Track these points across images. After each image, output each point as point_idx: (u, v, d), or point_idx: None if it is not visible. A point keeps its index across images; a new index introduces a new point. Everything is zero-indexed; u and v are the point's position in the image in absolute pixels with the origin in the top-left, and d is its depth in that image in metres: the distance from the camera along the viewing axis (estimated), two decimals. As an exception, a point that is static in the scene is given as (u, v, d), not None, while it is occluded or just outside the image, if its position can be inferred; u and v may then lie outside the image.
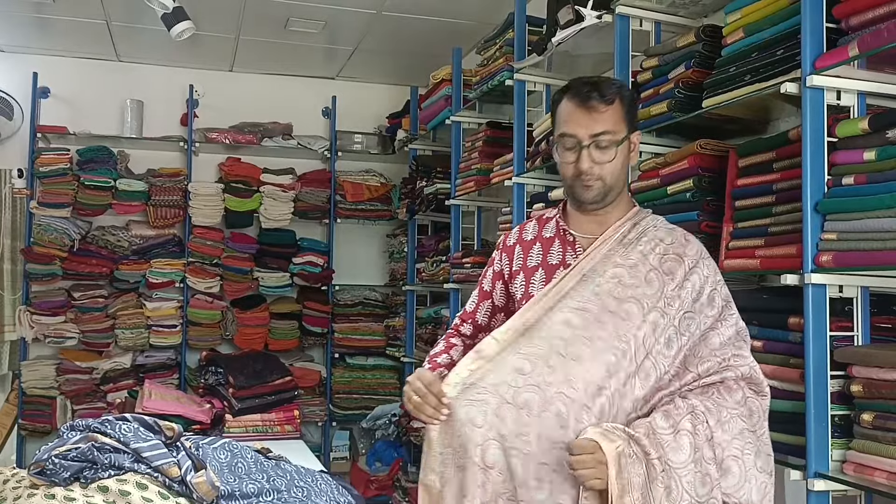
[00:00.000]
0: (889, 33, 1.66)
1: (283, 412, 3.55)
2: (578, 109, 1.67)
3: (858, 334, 1.89)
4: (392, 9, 4.18)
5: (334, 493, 1.95)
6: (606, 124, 1.66)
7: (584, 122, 1.66)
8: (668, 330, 1.60)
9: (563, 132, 1.69)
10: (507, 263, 1.87)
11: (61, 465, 1.60)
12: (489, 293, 1.93)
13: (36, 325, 4.71)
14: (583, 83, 1.69)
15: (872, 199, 1.74)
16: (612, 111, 1.66)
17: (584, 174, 1.67)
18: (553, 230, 1.81)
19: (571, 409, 1.55)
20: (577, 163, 1.67)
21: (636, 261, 1.66)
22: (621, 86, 1.72)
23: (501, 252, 1.91)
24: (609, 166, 1.67)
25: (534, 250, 1.81)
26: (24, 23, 4.53)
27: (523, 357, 1.62)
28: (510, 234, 1.92)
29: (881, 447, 1.70)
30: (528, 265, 1.80)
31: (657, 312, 1.61)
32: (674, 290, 1.63)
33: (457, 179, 4.03)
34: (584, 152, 1.66)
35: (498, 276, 1.91)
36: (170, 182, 4.97)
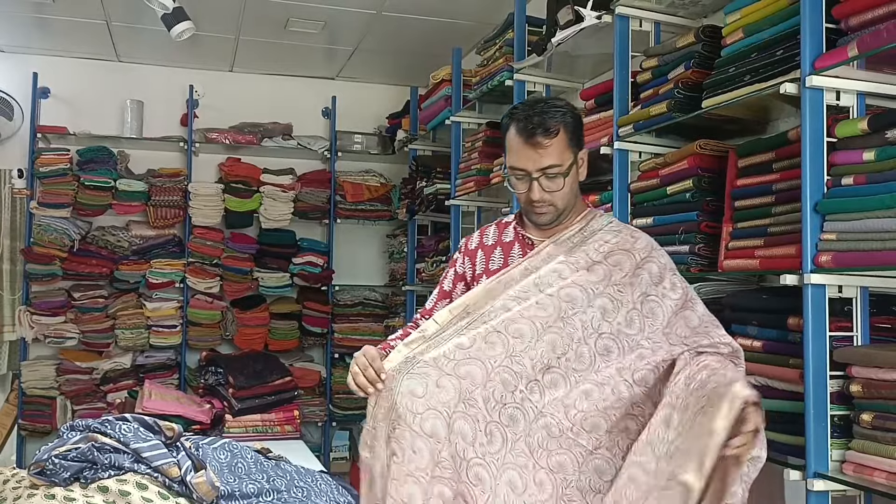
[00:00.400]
0: (888, 34, 1.66)
1: (283, 412, 3.55)
2: (526, 146, 1.74)
3: (858, 334, 1.89)
4: (392, 9, 4.18)
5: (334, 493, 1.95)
6: (552, 157, 1.73)
7: (532, 157, 1.73)
8: (627, 312, 1.68)
9: (513, 165, 1.77)
10: (470, 267, 1.96)
11: (61, 466, 1.60)
12: (448, 293, 2.01)
13: (36, 325, 4.70)
14: (528, 115, 1.74)
15: (872, 200, 1.74)
16: (556, 142, 1.73)
17: (536, 202, 1.76)
18: (512, 235, 1.91)
19: (520, 381, 1.65)
20: (528, 192, 1.76)
21: (578, 258, 1.75)
22: (565, 111, 1.76)
23: (464, 255, 1.99)
24: (559, 193, 1.76)
25: (495, 254, 1.91)
26: (25, 23, 4.53)
27: (463, 335, 1.69)
28: (471, 238, 2.01)
29: (880, 447, 1.70)
30: (490, 268, 1.90)
31: (605, 298, 1.70)
32: (624, 277, 1.71)
33: (457, 180, 4.03)
34: (535, 184, 1.75)
35: (460, 278, 1.99)
36: (170, 182, 4.97)
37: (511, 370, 1.66)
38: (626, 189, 2.60)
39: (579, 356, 1.67)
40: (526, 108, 1.77)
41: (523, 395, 1.65)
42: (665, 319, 1.70)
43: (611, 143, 2.64)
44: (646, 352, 1.68)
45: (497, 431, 1.64)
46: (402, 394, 1.66)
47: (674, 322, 1.70)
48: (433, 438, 1.62)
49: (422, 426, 1.62)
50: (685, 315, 1.71)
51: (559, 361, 1.66)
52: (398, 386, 1.67)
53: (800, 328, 1.88)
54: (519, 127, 1.75)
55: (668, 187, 2.38)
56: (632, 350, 1.68)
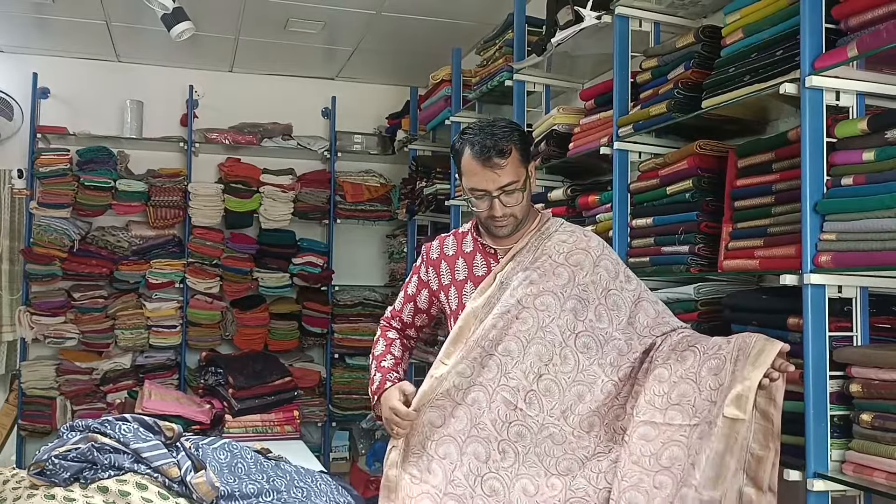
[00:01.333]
0: (888, 34, 1.66)
1: (283, 412, 3.55)
2: (483, 168, 1.87)
3: (857, 334, 1.89)
4: (391, 9, 4.18)
5: (334, 493, 1.95)
6: (509, 175, 1.87)
7: (491, 178, 1.87)
8: (595, 308, 1.87)
9: (473, 187, 1.90)
10: (435, 276, 2.08)
11: (61, 466, 1.60)
12: (413, 297, 2.16)
13: (36, 325, 4.70)
14: (481, 139, 1.87)
15: (871, 200, 1.74)
16: (510, 161, 1.87)
17: (498, 218, 1.90)
18: (472, 245, 2.04)
19: (518, 395, 1.83)
20: (490, 210, 1.90)
21: (542, 262, 1.91)
22: (512, 131, 1.90)
23: (427, 265, 2.12)
24: (518, 207, 1.91)
25: (458, 264, 2.04)
26: (24, 23, 4.53)
27: (462, 363, 1.87)
28: (432, 247, 2.13)
29: (880, 447, 1.70)
30: (457, 278, 2.03)
31: (574, 300, 1.87)
32: (586, 276, 1.89)
33: (456, 180, 4.03)
34: (496, 202, 1.89)
35: (424, 285, 2.12)
36: (169, 182, 4.97)
37: (508, 387, 1.84)
38: (625, 189, 2.60)
39: (564, 359, 1.84)
40: (476, 132, 1.90)
41: (524, 413, 1.83)
42: (627, 311, 1.88)
43: (610, 143, 2.64)
44: (620, 344, 1.87)
45: (509, 448, 1.82)
46: (423, 425, 1.87)
47: (635, 312, 1.89)
48: (446, 461, 1.83)
49: (436, 451, 1.84)
50: (643, 306, 1.90)
51: (548, 368, 1.84)
52: (421, 418, 1.87)
53: (800, 328, 1.88)
54: (474, 151, 1.87)
55: (668, 187, 2.38)
56: (606, 342, 1.86)
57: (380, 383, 2.03)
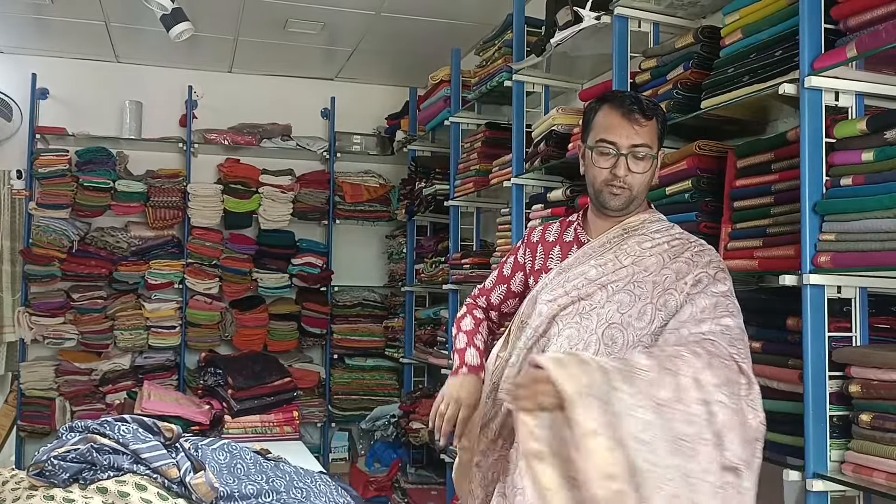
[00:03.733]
0: (887, 34, 1.66)
1: (283, 413, 3.55)
2: (622, 120, 1.76)
3: (857, 335, 1.89)
4: (391, 10, 4.18)
5: (333, 493, 1.95)
6: (645, 137, 1.76)
7: (626, 132, 1.75)
8: (643, 305, 1.71)
9: (603, 138, 1.78)
10: (531, 259, 2.00)
11: (60, 467, 1.60)
12: (507, 279, 2.06)
13: (35, 326, 4.70)
14: (625, 95, 1.80)
15: (871, 200, 1.74)
16: (650, 126, 1.77)
17: (616, 180, 1.77)
18: (573, 235, 1.93)
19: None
20: (612, 169, 1.77)
21: (607, 258, 1.79)
22: (657, 105, 1.84)
23: (526, 246, 2.03)
24: (640, 177, 1.78)
25: (554, 252, 1.94)
26: (23, 24, 4.53)
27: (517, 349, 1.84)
28: (535, 230, 2.04)
29: (879, 447, 1.70)
30: (548, 266, 1.93)
31: (624, 293, 1.74)
32: (647, 276, 1.73)
33: (456, 180, 4.03)
34: (622, 160, 1.76)
35: (520, 268, 2.03)
36: (169, 183, 4.96)
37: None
38: (625, 190, 2.59)
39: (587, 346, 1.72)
40: (620, 92, 1.88)
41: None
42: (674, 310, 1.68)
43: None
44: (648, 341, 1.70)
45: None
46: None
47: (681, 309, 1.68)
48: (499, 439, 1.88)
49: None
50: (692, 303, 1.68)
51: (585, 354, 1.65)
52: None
53: (799, 329, 1.88)
54: (617, 103, 1.78)
55: (667, 188, 2.38)
56: (638, 341, 1.69)
57: (460, 364, 1.98)
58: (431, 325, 4.58)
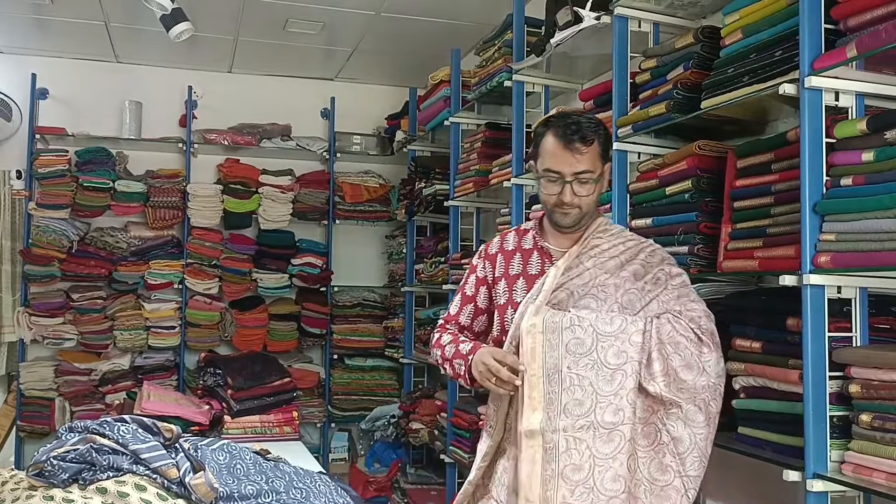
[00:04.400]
0: (887, 34, 1.66)
1: (282, 413, 3.55)
2: (564, 150, 1.89)
3: (857, 335, 1.89)
4: (391, 10, 4.18)
5: (333, 494, 1.95)
6: (587, 164, 1.89)
7: (568, 161, 1.89)
8: (609, 306, 1.88)
9: (548, 168, 1.92)
10: (491, 270, 2.10)
11: (60, 467, 1.59)
12: (472, 298, 2.14)
13: (34, 326, 4.70)
14: (566, 123, 1.89)
15: (871, 200, 1.74)
16: (591, 151, 1.89)
17: (565, 204, 1.91)
18: (531, 243, 2.05)
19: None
20: (559, 195, 1.91)
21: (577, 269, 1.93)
22: (598, 124, 1.94)
23: (484, 260, 2.13)
24: (587, 198, 1.92)
25: (514, 260, 2.05)
26: (23, 24, 4.52)
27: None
28: (492, 243, 2.15)
29: (879, 448, 1.70)
30: (510, 273, 2.04)
31: (589, 298, 1.90)
32: (609, 279, 1.91)
33: (455, 180, 4.03)
34: (567, 187, 1.90)
35: (482, 283, 2.12)
36: (168, 183, 4.96)
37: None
38: (625, 190, 2.60)
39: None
40: (562, 118, 1.92)
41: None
42: (640, 308, 1.89)
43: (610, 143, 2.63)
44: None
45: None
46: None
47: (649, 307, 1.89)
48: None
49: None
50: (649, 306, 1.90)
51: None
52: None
53: (799, 329, 1.88)
54: (558, 133, 1.90)
55: (667, 188, 2.38)
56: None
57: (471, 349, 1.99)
58: (431, 325, 4.57)
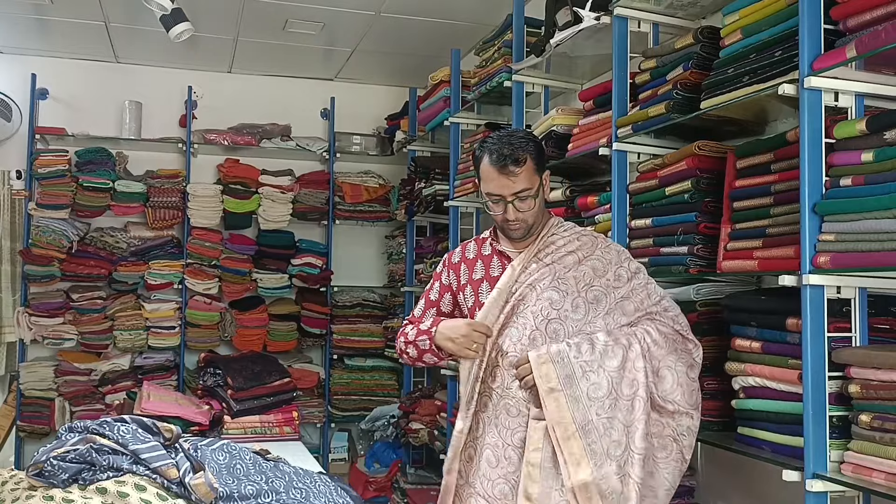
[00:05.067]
0: (887, 34, 1.66)
1: (282, 413, 3.55)
2: (499, 175, 2.00)
3: (856, 335, 1.89)
4: (390, 10, 4.18)
5: (333, 494, 1.95)
6: (523, 182, 2.00)
7: (505, 184, 2.00)
8: (573, 299, 2.00)
9: (489, 192, 2.04)
10: (455, 279, 2.22)
11: (60, 467, 1.60)
12: (436, 302, 2.27)
13: (34, 326, 4.70)
14: (498, 149, 2.00)
15: (870, 201, 1.74)
16: (525, 170, 2.00)
17: (511, 221, 2.03)
18: (490, 249, 2.17)
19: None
20: (504, 213, 2.03)
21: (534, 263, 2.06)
22: (528, 141, 2.03)
23: (448, 269, 2.25)
24: (530, 212, 2.03)
25: (476, 266, 2.18)
26: (23, 24, 4.53)
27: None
28: (454, 253, 2.27)
29: (879, 448, 1.70)
30: (473, 278, 2.16)
31: (552, 290, 2.00)
32: (567, 272, 2.02)
33: (455, 181, 4.03)
34: (509, 206, 2.01)
35: (446, 289, 2.25)
36: (168, 183, 4.96)
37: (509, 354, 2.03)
38: (624, 190, 2.60)
39: (532, 341, 1.99)
40: (495, 140, 2.03)
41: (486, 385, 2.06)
42: (607, 306, 2.00)
43: (609, 144, 2.64)
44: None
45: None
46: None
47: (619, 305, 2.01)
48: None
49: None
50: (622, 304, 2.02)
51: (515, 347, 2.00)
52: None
53: (798, 329, 1.88)
54: (492, 159, 2.00)
55: (667, 188, 2.38)
56: (577, 332, 1.98)
57: (429, 326, 2.14)
58: (431, 325, 4.57)
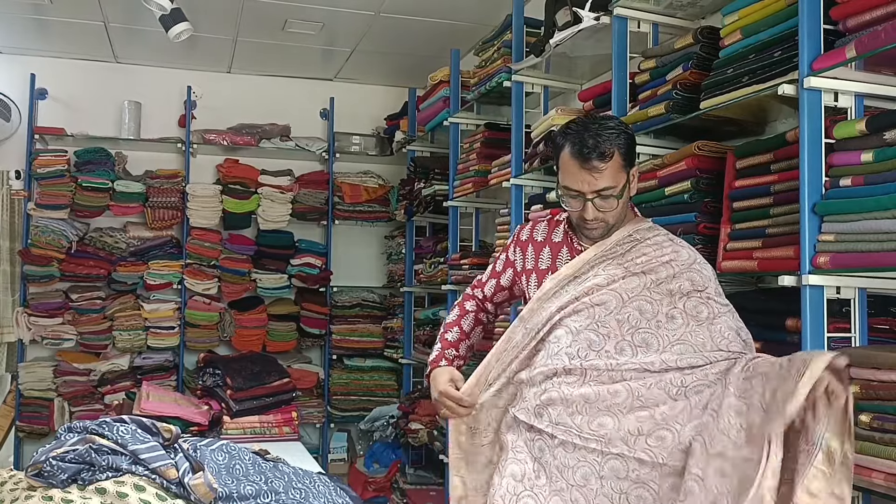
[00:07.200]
0: (886, 35, 1.66)
1: (281, 414, 3.54)
2: (580, 168, 1.77)
3: (856, 335, 1.89)
4: (390, 10, 4.18)
5: (332, 494, 1.95)
6: (607, 180, 1.77)
7: (587, 180, 1.77)
8: (669, 311, 1.75)
9: (567, 186, 1.81)
10: (521, 258, 2.05)
11: (59, 467, 1.59)
12: (499, 274, 2.13)
13: (33, 326, 4.69)
14: (583, 138, 1.76)
15: (870, 201, 1.74)
16: (611, 166, 1.77)
17: (590, 221, 1.82)
18: (562, 236, 1.97)
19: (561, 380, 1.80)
20: (582, 211, 1.81)
21: (615, 268, 1.82)
22: (618, 132, 1.79)
23: (515, 245, 2.08)
24: (612, 212, 1.82)
25: (544, 253, 1.99)
26: (22, 24, 4.52)
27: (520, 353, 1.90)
28: (524, 229, 2.09)
29: (879, 448, 1.69)
30: (539, 267, 1.98)
31: (640, 301, 1.77)
32: (661, 286, 1.78)
33: (455, 181, 4.03)
34: (589, 204, 1.79)
35: (510, 264, 2.09)
36: (168, 183, 4.96)
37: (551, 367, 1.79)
38: (624, 190, 2.60)
39: (621, 350, 1.74)
40: (580, 127, 1.79)
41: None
42: (709, 316, 1.74)
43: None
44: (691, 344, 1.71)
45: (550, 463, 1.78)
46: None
47: (716, 322, 1.74)
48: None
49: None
50: (724, 320, 1.75)
51: (598, 355, 1.75)
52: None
53: (798, 329, 1.88)
54: (574, 150, 1.77)
55: (667, 188, 2.38)
56: (674, 343, 1.72)
57: (436, 357, 2.08)
58: (430, 325, 4.58)
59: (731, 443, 1.58)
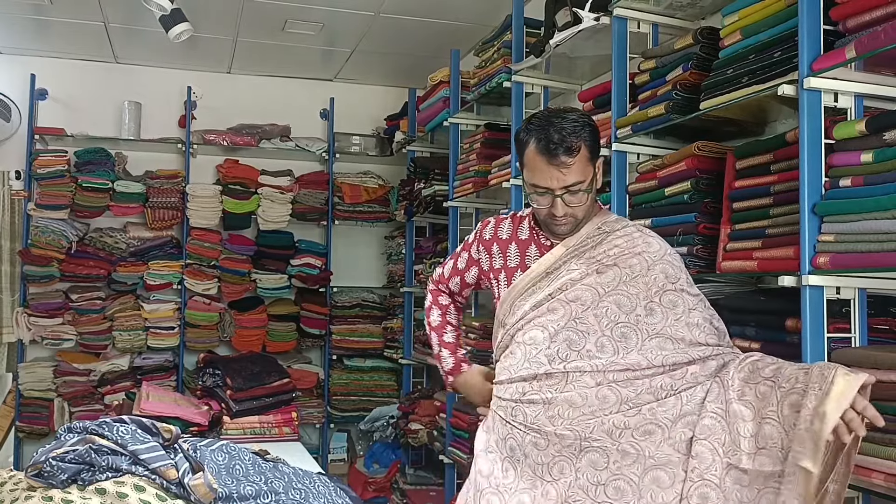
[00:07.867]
0: (886, 35, 1.66)
1: (281, 414, 3.54)
2: (548, 166, 1.74)
3: (856, 336, 1.89)
4: (390, 10, 4.18)
5: (332, 494, 1.95)
6: (576, 175, 1.75)
7: (556, 176, 1.74)
8: (646, 304, 1.73)
9: (535, 183, 1.78)
10: (486, 258, 2.01)
11: (59, 468, 1.59)
12: (462, 272, 2.11)
13: (33, 326, 4.69)
14: (548, 136, 1.73)
15: (870, 201, 1.74)
16: (579, 160, 1.74)
17: (559, 217, 1.79)
18: (528, 233, 1.94)
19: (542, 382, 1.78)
20: (550, 208, 1.78)
21: (589, 263, 1.80)
22: (583, 125, 1.76)
23: (478, 243, 2.04)
24: (580, 207, 1.79)
25: (511, 250, 1.94)
26: (22, 24, 4.52)
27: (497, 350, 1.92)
28: (486, 227, 2.04)
29: (878, 448, 1.69)
30: (508, 265, 1.94)
31: (617, 295, 1.74)
32: (636, 278, 1.76)
33: (455, 181, 4.03)
34: (558, 200, 1.77)
35: (474, 263, 2.06)
36: (168, 184, 4.96)
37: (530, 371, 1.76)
38: (624, 190, 2.60)
39: (601, 347, 1.72)
40: (543, 122, 1.76)
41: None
42: (685, 310, 1.73)
43: (609, 144, 2.64)
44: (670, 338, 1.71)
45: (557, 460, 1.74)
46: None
47: (693, 315, 1.74)
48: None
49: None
50: (700, 312, 1.76)
51: (579, 354, 1.72)
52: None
53: (798, 330, 1.88)
54: (540, 146, 1.74)
55: (667, 189, 2.38)
56: (652, 336, 1.70)
57: (453, 366, 2.08)
58: (430, 326, 4.57)
59: (744, 454, 1.57)
